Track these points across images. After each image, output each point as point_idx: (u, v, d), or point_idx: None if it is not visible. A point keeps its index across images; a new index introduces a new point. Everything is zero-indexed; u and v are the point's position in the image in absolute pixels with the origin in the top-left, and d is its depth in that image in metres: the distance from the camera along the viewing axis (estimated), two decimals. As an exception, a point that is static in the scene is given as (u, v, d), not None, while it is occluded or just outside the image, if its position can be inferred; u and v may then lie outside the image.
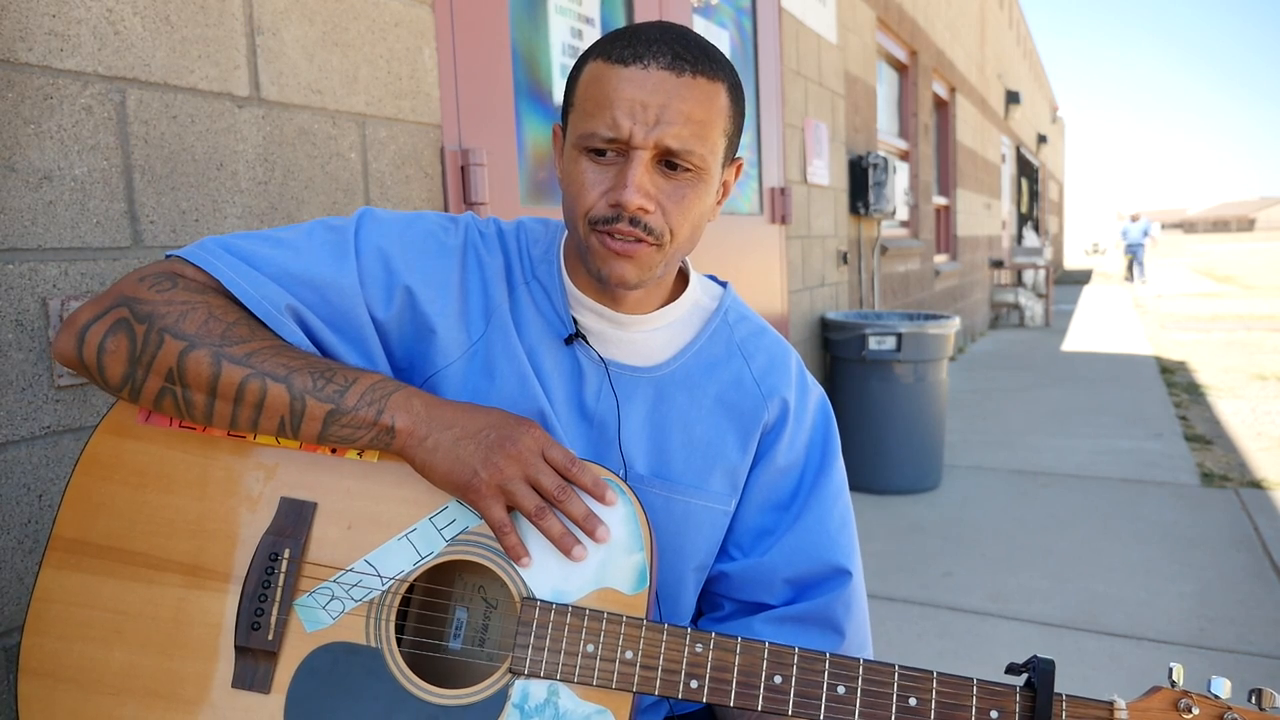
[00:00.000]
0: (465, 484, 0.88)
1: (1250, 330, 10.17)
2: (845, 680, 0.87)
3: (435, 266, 1.01)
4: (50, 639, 0.89)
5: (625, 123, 0.90)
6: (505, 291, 1.04)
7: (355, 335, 0.98)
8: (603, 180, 0.93)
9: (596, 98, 0.92)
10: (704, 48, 0.95)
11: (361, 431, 0.90)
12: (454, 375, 1.00)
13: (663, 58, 0.91)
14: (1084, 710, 0.86)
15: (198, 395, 0.90)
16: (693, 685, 0.87)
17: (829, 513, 1.07)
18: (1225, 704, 0.86)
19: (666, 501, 1.03)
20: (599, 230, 0.94)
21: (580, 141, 0.94)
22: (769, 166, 3.96)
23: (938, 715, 0.86)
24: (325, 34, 1.69)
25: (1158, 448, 4.85)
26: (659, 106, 0.90)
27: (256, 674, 0.88)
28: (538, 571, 0.90)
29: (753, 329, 1.12)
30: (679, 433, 1.04)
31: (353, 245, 1.00)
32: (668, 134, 0.91)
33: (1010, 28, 13.49)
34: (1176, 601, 2.92)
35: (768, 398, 1.07)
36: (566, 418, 1.02)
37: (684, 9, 3.22)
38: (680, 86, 0.91)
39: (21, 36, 1.20)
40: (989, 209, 11.24)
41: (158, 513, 0.91)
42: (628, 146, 0.91)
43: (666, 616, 1.05)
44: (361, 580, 0.90)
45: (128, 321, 0.90)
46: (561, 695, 0.87)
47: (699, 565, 1.06)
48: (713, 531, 1.05)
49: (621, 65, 0.91)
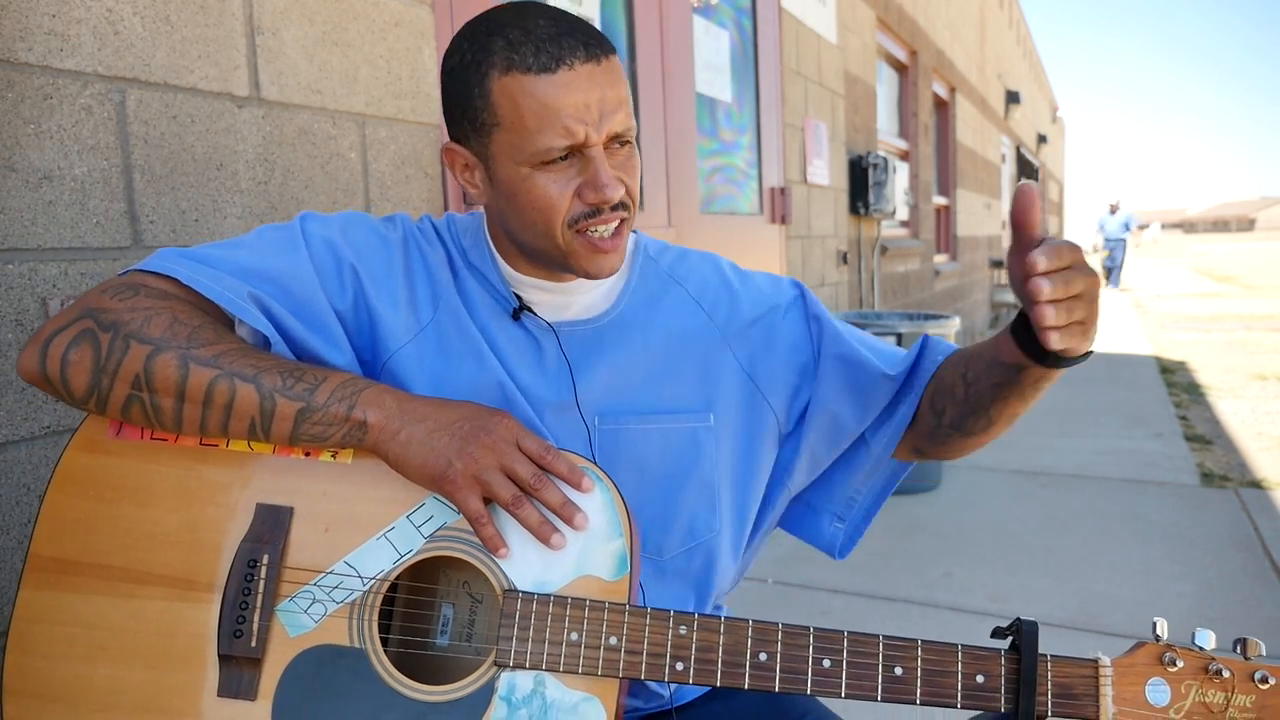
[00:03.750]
0: (440, 476, 0.88)
1: (1250, 330, 10.17)
2: (830, 653, 0.87)
3: (378, 257, 1.03)
4: (34, 658, 0.89)
5: (579, 129, 0.92)
6: (450, 278, 1.06)
7: (319, 323, 0.99)
8: (566, 184, 0.95)
9: (536, 113, 0.91)
10: (588, 24, 0.97)
11: (333, 429, 0.90)
12: (408, 358, 1.01)
13: (578, 52, 0.92)
14: (1069, 669, 0.87)
15: (166, 400, 0.89)
16: (678, 667, 0.87)
17: (851, 339, 1.13)
18: (1210, 655, 0.86)
19: (644, 433, 1.06)
20: (579, 230, 0.96)
21: (531, 159, 0.94)
22: (769, 166, 3.96)
23: (923, 683, 0.87)
24: (325, 34, 1.69)
25: (1158, 448, 4.85)
26: (598, 101, 0.92)
27: (242, 682, 0.88)
28: (518, 563, 0.90)
29: (675, 255, 1.16)
30: (641, 366, 1.07)
31: (302, 238, 1.01)
32: (613, 123, 0.94)
33: (1010, 28, 13.49)
34: (1176, 601, 2.92)
35: (712, 312, 1.12)
36: (530, 388, 1.03)
37: (684, 9, 3.21)
38: (602, 74, 0.93)
39: (21, 36, 1.20)
40: (989, 209, 11.24)
41: (135, 526, 0.91)
42: (584, 146, 0.93)
43: (678, 532, 1.06)
44: (342, 582, 0.89)
45: (92, 331, 0.89)
46: (548, 685, 0.87)
47: (699, 481, 1.07)
48: (697, 447, 1.07)
49: (547, 74, 0.91)
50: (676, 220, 3.11)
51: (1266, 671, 0.84)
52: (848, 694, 0.87)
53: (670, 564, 1.07)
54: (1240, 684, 0.85)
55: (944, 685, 0.87)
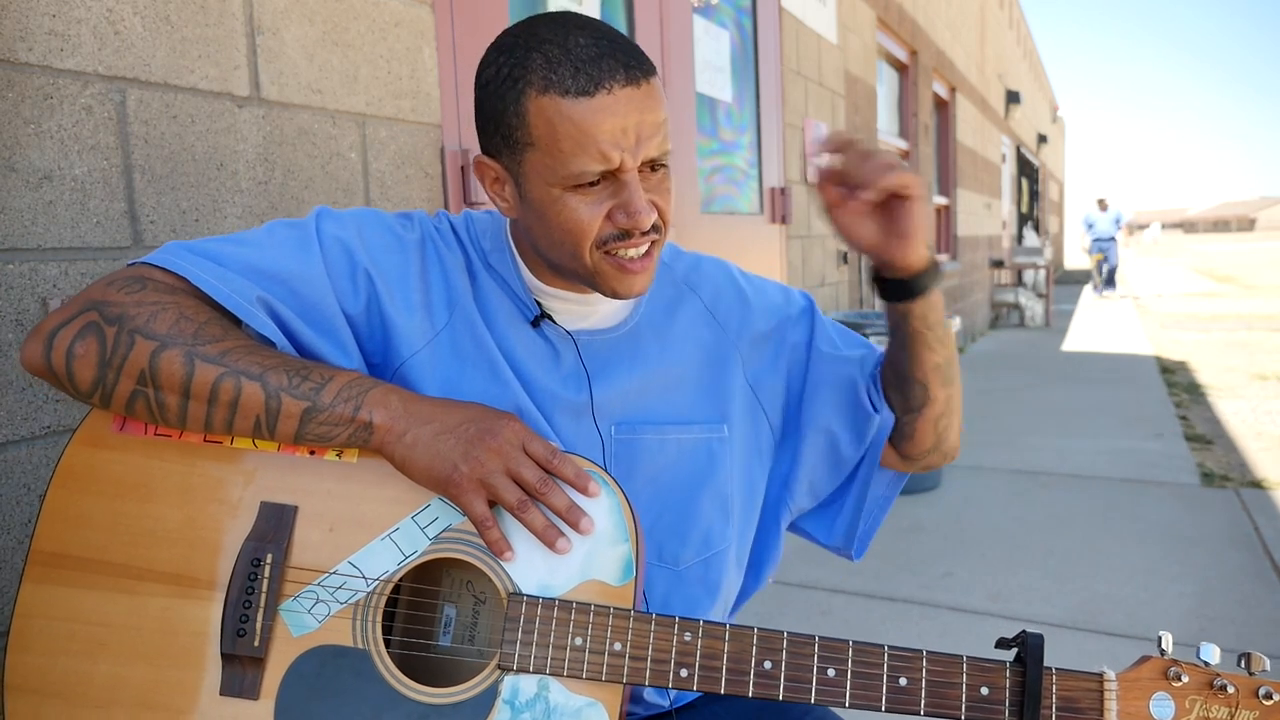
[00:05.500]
0: (445, 479, 0.88)
1: (1251, 330, 10.16)
2: (835, 663, 0.87)
3: (395, 259, 1.01)
4: (34, 655, 0.89)
5: (615, 154, 0.90)
6: (467, 282, 1.04)
7: (327, 326, 0.97)
8: (598, 206, 0.93)
9: (572, 136, 0.89)
10: (630, 43, 0.94)
11: (339, 429, 0.89)
12: (421, 364, 1.00)
13: (618, 75, 0.89)
14: (1074, 683, 0.86)
15: (171, 396, 0.88)
16: (683, 674, 0.87)
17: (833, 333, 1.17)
18: (1214, 670, 0.86)
19: (660, 443, 1.06)
20: (608, 252, 0.95)
21: (564, 182, 0.92)
22: (769, 166, 3.96)
23: (928, 694, 0.86)
24: (325, 34, 1.69)
25: (1158, 448, 4.85)
26: (635, 126, 0.90)
27: (244, 681, 0.87)
28: (523, 566, 0.89)
29: (689, 263, 1.17)
30: (658, 376, 1.07)
31: (315, 238, 0.99)
32: (650, 147, 0.92)
33: (1010, 28, 13.49)
34: (1176, 601, 2.92)
35: (725, 323, 1.13)
36: (547, 393, 1.03)
37: (684, 9, 3.21)
38: (641, 98, 0.91)
39: (21, 36, 1.20)
40: (989, 209, 11.24)
41: (137, 523, 0.90)
42: (619, 172, 0.92)
43: (695, 542, 1.06)
44: (346, 582, 0.89)
45: (97, 325, 0.88)
46: (552, 689, 0.87)
47: (714, 491, 1.07)
48: (712, 458, 1.08)
49: (586, 97, 0.88)
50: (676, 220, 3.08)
51: (1270, 688, 0.84)
52: (852, 703, 0.87)
53: (688, 573, 1.06)
54: (1244, 699, 0.84)
55: (948, 697, 0.86)
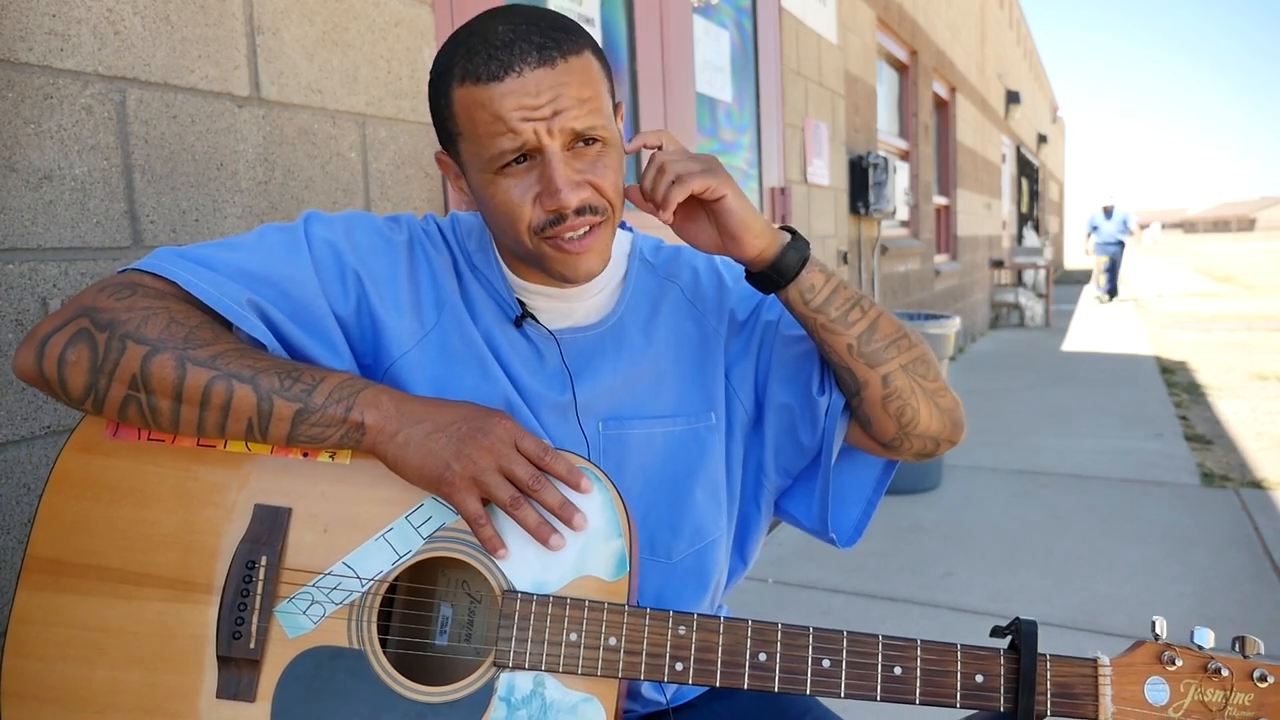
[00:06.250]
0: (438, 477, 0.88)
1: (1251, 330, 10.17)
2: (830, 653, 0.87)
3: (383, 261, 1.03)
4: (31, 661, 0.89)
5: (525, 129, 0.90)
6: (455, 283, 1.05)
7: (318, 328, 0.98)
8: (528, 187, 0.93)
9: (485, 121, 0.91)
10: (556, 22, 0.94)
11: (331, 430, 0.90)
12: (411, 364, 1.01)
13: (529, 56, 0.89)
14: (1069, 668, 0.87)
15: (163, 401, 0.89)
16: (678, 668, 0.87)
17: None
18: (1209, 654, 0.86)
19: (649, 436, 1.06)
20: (547, 237, 0.95)
21: (489, 165, 0.93)
22: (769, 166, 3.96)
23: (923, 682, 0.87)
24: (325, 34, 1.69)
25: (1158, 448, 4.85)
26: (549, 101, 0.90)
27: (241, 683, 0.87)
28: (517, 563, 0.90)
29: (669, 254, 1.16)
30: (643, 370, 1.07)
31: (304, 241, 1.00)
32: (568, 119, 0.91)
33: (1010, 28, 13.49)
34: (1176, 601, 2.92)
35: (706, 311, 1.12)
36: (533, 393, 1.03)
37: (684, 9, 3.21)
38: (558, 75, 0.90)
39: (21, 36, 1.20)
40: (989, 209, 11.24)
41: (132, 527, 0.91)
42: (538, 148, 0.91)
43: (687, 533, 1.06)
44: (341, 583, 0.89)
45: (88, 331, 0.88)
46: (548, 685, 0.88)
47: (706, 480, 1.07)
48: (702, 447, 1.08)
49: (495, 82, 0.89)
50: (676, 220, 3.10)
51: (1265, 670, 0.84)
52: (847, 694, 0.87)
53: (681, 565, 1.06)
54: (1239, 682, 0.85)
55: (943, 685, 0.87)
